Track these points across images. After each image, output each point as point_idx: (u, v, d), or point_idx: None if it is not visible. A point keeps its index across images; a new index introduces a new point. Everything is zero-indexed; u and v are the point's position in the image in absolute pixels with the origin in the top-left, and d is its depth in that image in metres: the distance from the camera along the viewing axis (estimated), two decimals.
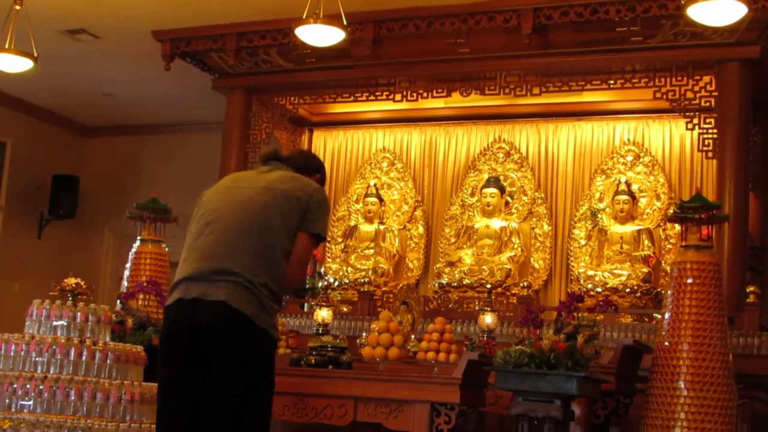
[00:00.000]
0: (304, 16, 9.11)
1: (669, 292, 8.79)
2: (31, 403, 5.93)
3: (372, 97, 12.01)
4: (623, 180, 11.60)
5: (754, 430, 9.10)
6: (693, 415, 8.34)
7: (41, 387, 5.94)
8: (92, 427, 5.73)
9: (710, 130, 10.37)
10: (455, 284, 11.65)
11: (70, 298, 6.47)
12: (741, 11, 8.43)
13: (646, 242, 11.30)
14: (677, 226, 9.90)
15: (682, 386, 8.41)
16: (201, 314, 3.86)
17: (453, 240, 12.22)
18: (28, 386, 5.95)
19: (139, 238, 11.64)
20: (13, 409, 5.91)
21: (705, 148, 10.45)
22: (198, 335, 3.90)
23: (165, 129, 15.50)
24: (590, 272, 11.28)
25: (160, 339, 4.06)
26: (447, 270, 11.82)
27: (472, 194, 12.31)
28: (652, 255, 11.23)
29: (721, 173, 10.39)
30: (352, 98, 12.14)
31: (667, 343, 8.58)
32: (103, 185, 15.89)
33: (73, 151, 16.02)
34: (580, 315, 8.44)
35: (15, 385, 5.97)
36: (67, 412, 5.88)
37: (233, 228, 4.01)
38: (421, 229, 12.55)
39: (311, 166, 4.42)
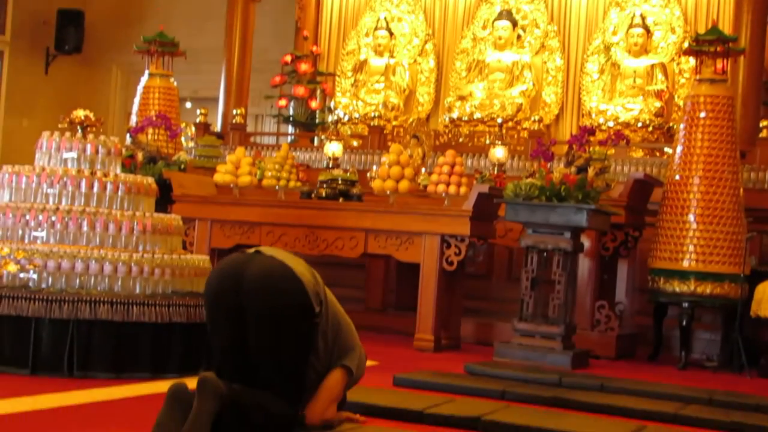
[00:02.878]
0: None
1: (681, 126, 8.76)
2: (44, 234, 5.96)
3: None
4: (638, 13, 11.40)
5: (762, 263, 9.16)
6: (702, 248, 8.40)
7: (54, 218, 5.96)
8: (105, 257, 5.76)
9: None
10: (466, 118, 11.60)
11: (80, 131, 6.43)
12: None
13: (659, 76, 11.19)
14: (692, 60, 9.79)
15: (692, 219, 8.44)
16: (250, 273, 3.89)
17: (464, 74, 12.10)
18: (40, 217, 5.97)
19: (147, 72, 11.57)
20: (26, 240, 5.94)
21: None
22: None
23: None
24: (602, 106, 11.21)
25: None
26: (458, 104, 11.75)
27: (484, 27, 12.13)
28: (666, 89, 11.13)
29: (739, 5, 10.22)
30: None
31: (677, 177, 8.58)
32: (109, 19, 15.68)
33: None
34: (591, 148, 8.42)
35: (27, 217, 5.99)
36: (80, 243, 5.91)
37: None
38: (431, 63, 12.42)
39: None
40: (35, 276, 5.72)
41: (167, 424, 3.66)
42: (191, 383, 3.74)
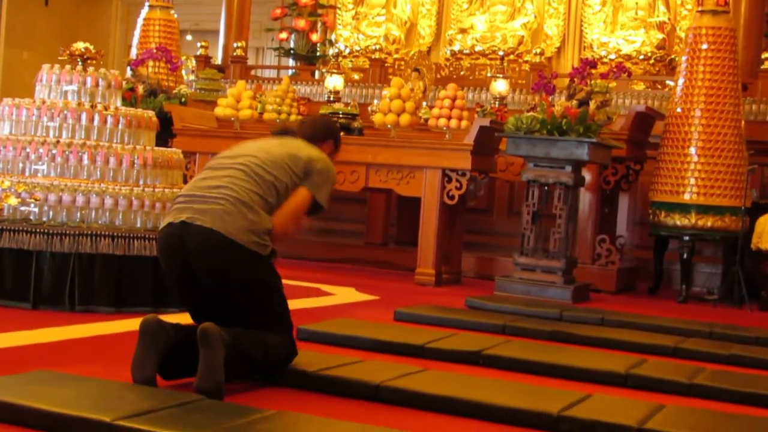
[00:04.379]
0: None
1: (683, 58, 8.71)
2: (44, 167, 5.94)
3: None
4: None
5: (763, 196, 9.17)
6: (703, 181, 8.39)
7: (54, 151, 5.94)
8: (106, 190, 5.76)
9: None
10: (467, 51, 11.53)
11: (80, 63, 6.39)
12: None
13: (661, 8, 11.10)
14: None
15: (693, 152, 8.43)
16: (187, 239, 3.84)
17: (465, 6, 12.00)
18: (41, 150, 5.95)
19: (147, 4, 11.48)
20: (27, 173, 5.93)
21: None
22: (187, 258, 3.89)
23: None
24: (604, 39, 11.14)
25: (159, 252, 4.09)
26: (459, 37, 11.67)
27: None
28: (667, 21, 11.05)
29: None
30: None
31: (679, 110, 8.56)
32: None
33: None
34: (592, 81, 8.38)
35: (28, 150, 5.97)
36: (81, 177, 5.90)
37: (233, 169, 3.96)
38: None
39: (322, 135, 4.35)
40: (36, 209, 5.72)
41: (143, 360, 3.68)
42: (164, 316, 3.83)
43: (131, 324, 4.89)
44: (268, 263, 3.97)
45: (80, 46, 6.45)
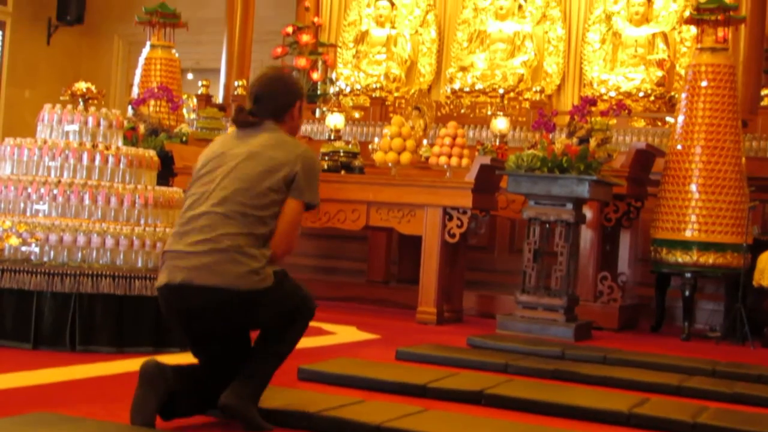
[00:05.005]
0: None
1: (683, 95, 8.73)
2: (45, 207, 5.95)
3: None
4: None
5: (765, 232, 9.16)
6: (704, 218, 8.39)
7: (55, 191, 5.95)
8: (107, 230, 5.76)
9: None
10: (467, 89, 11.56)
11: (81, 103, 6.42)
12: None
13: (661, 45, 11.14)
14: (693, 29, 9.74)
15: (694, 189, 8.43)
16: (191, 301, 3.82)
17: (465, 44, 12.05)
18: (42, 190, 5.96)
19: (148, 43, 11.54)
20: (28, 213, 5.94)
21: None
22: (194, 316, 3.88)
23: None
24: (604, 76, 11.16)
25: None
26: (459, 75, 11.71)
27: None
28: (667, 58, 11.08)
29: None
30: None
31: (679, 147, 8.57)
32: None
33: None
34: (593, 119, 8.41)
35: (29, 190, 5.98)
36: (82, 216, 5.91)
37: (217, 201, 3.89)
38: (433, 34, 12.35)
39: (286, 103, 4.18)
40: (37, 249, 5.72)
41: (142, 404, 3.66)
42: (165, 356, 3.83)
43: (132, 364, 4.87)
44: (273, 289, 3.94)
45: (82, 86, 6.48)
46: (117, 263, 5.76)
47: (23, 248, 5.71)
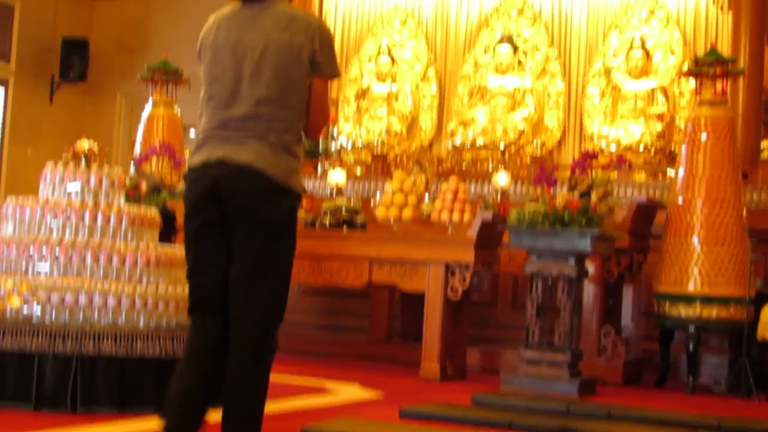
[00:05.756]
0: None
1: (683, 148, 8.76)
2: (47, 266, 5.95)
3: None
4: (637, 35, 11.39)
5: (767, 285, 9.14)
6: (706, 271, 8.38)
7: (57, 251, 5.96)
8: (109, 290, 5.76)
9: None
10: (469, 144, 11.58)
11: (84, 162, 6.44)
12: None
13: (660, 99, 11.18)
14: (692, 82, 9.79)
15: (696, 242, 8.43)
16: (224, 177, 3.83)
17: (466, 99, 12.10)
18: (44, 250, 5.97)
19: (151, 100, 11.58)
20: (30, 273, 5.94)
21: (720, 2, 10.30)
22: (220, 198, 3.88)
23: None
24: (604, 130, 11.19)
25: (186, 198, 4.02)
26: (460, 130, 11.75)
27: (485, 52, 12.13)
28: (667, 111, 11.11)
29: (737, 27, 10.23)
30: None
31: (680, 200, 8.58)
32: (114, 48, 15.71)
33: (82, 13, 15.81)
34: (593, 173, 8.43)
35: (31, 249, 5.99)
36: (84, 276, 5.91)
37: (251, 99, 3.92)
38: (434, 89, 12.41)
39: None
40: (38, 310, 5.72)
41: None
42: None
43: (133, 426, 4.85)
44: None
45: (84, 144, 6.51)
46: (119, 323, 5.76)
47: (25, 309, 5.71)
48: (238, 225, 3.90)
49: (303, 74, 3.97)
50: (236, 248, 3.91)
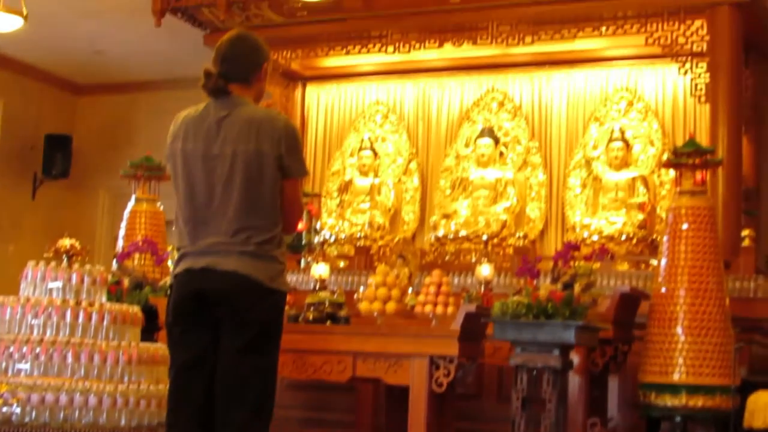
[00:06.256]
0: None
1: (665, 238, 8.79)
2: (28, 366, 5.92)
3: (364, 50, 11.93)
4: (617, 127, 11.55)
5: (752, 373, 9.12)
6: (691, 360, 8.36)
7: (38, 350, 5.93)
8: (90, 389, 5.73)
9: (702, 75, 10.33)
10: (451, 236, 11.63)
11: (65, 260, 6.44)
12: None
13: (641, 189, 11.28)
14: (672, 172, 9.86)
15: (680, 332, 8.42)
16: (210, 282, 3.84)
17: (448, 192, 12.18)
18: (24, 349, 5.94)
19: (133, 196, 11.59)
20: (10, 373, 5.90)
21: (698, 93, 10.42)
22: (207, 300, 3.89)
23: (157, 86, 15.39)
24: (586, 220, 11.26)
25: (169, 305, 4.03)
26: (443, 222, 11.80)
27: (467, 145, 12.26)
28: (647, 201, 11.20)
29: (714, 117, 10.35)
30: (344, 51, 12.05)
31: (663, 290, 8.58)
32: (97, 144, 15.81)
33: (65, 110, 15.93)
34: (576, 264, 8.43)
35: (11, 349, 5.96)
36: (65, 375, 5.87)
37: (227, 209, 3.96)
38: (416, 182, 12.50)
39: (254, 66, 4.24)
40: (18, 410, 5.67)
41: None
42: None
43: None
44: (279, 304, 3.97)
45: (66, 242, 6.52)
46: (100, 422, 5.72)
47: (4, 409, 5.65)
48: (225, 327, 3.90)
49: (273, 181, 4.02)
50: (223, 351, 3.90)
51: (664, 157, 10.31)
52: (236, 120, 4.07)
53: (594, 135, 11.73)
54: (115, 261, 10.87)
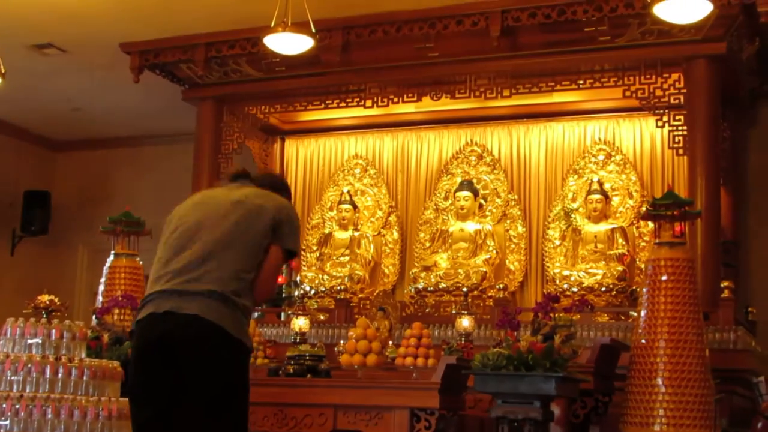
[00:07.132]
0: (272, 25, 9.11)
1: (644, 289, 8.81)
2: (7, 422, 5.88)
3: (343, 104, 12.00)
4: (595, 179, 11.63)
5: (732, 425, 9.13)
6: (672, 412, 8.36)
7: (17, 406, 5.89)
8: None
9: (680, 127, 10.42)
10: (431, 288, 11.65)
11: (45, 315, 6.43)
12: (706, 8, 8.48)
13: (620, 240, 11.34)
14: (650, 224, 9.92)
15: (660, 383, 8.43)
16: (174, 327, 3.85)
17: (428, 244, 12.22)
18: (4, 406, 5.90)
19: (112, 252, 11.56)
20: None
21: (675, 145, 10.49)
22: (171, 347, 3.89)
23: (136, 142, 15.44)
24: (565, 272, 11.30)
25: (131, 351, 4.06)
26: (423, 274, 11.82)
27: (446, 198, 12.32)
28: (627, 253, 11.27)
29: (692, 170, 10.42)
30: (323, 105, 12.13)
31: (643, 341, 8.60)
32: (76, 200, 15.81)
33: (43, 167, 15.94)
34: (556, 315, 8.45)
35: None
36: (45, 431, 5.84)
37: (205, 243, 4.03)
38: (395, 235, 12.54)
39: (277, 186, 4.49)
40: None
41: None
42: None
43: None
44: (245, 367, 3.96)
45: (45, 298, 6.50)
46: None
47: None
48: (189, 377, 3.89)
49: (263, 234, 4.10)
50: (186, 406, 3.90)
51: (643, 208, 10.39)
52: (246, 188, 4.25)
53: (572, 187, 11.81)
54: (94, 316, 10.83)
